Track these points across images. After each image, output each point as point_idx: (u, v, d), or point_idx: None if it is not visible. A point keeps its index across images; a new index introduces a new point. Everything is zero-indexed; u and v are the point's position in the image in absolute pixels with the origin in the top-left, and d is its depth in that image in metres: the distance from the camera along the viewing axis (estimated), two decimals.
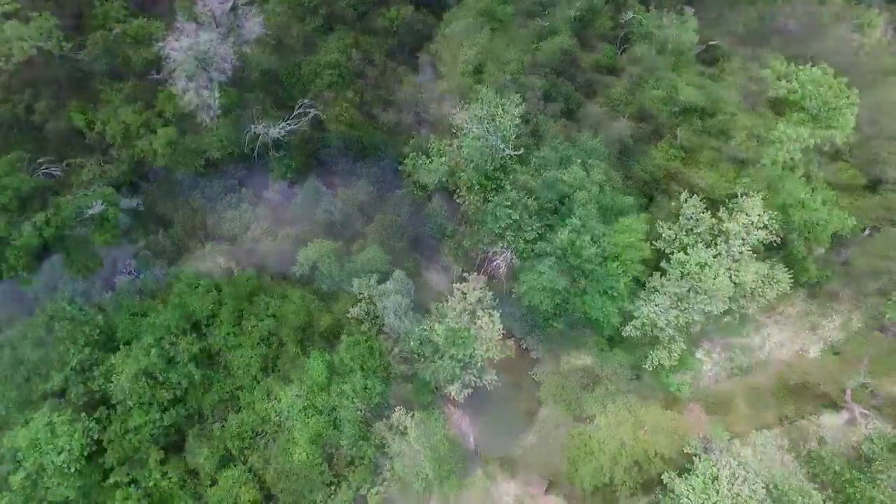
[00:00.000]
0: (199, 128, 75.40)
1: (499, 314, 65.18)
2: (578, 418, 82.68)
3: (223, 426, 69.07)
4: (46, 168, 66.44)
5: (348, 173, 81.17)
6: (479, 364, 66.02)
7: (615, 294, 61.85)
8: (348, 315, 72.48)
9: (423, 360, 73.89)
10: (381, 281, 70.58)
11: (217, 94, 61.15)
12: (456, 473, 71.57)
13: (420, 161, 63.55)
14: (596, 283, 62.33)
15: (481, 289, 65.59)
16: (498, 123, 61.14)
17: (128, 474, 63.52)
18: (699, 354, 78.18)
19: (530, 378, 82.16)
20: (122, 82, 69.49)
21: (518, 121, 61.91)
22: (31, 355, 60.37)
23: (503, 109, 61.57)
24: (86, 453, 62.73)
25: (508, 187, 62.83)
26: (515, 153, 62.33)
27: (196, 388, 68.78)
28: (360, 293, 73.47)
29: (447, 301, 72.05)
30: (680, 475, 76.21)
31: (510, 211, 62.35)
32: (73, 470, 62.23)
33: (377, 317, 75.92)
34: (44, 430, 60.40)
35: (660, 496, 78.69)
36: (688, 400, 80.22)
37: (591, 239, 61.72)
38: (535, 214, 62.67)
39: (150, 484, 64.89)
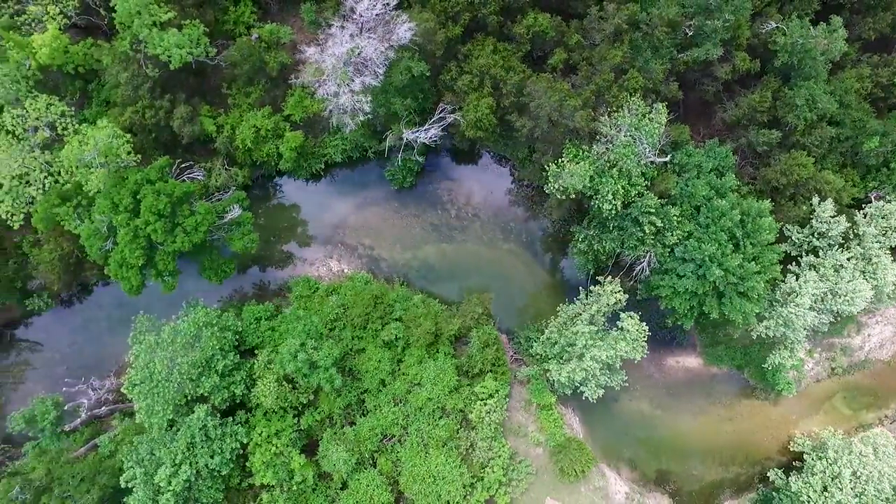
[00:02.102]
0: (317, 131, 75.93)
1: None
2: (678, 415, 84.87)
3: (355, 430, 69.46)
4: (190, 172, 66.25)
5: (464, 177, 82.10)
6: (617, 364, 67.19)
7: (755, 296, 63.26)
8: (473, 318, 73.24)
9: (545, 361, 75.05)
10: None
11: (369, 99, 61.31)
12: (578, 471, 72.62)
13: (564, 166, 64.28)
14: (734, 285, 63.68)
15: (618, 291, 66.66)
16: (644, 130, 62.31)
17: (275, 476, 63.46)
18: (801, 354, 79.93)
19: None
20: (251, 86, 69.37)
21: (662, 128, 63.14)
22: (183, 360, 60.28)
23: (649, 117, 62.78)
24: (234, 457, 63.03)
25: (651, 193, 63.96)
26: (662, 160, 63.50)
27: (328, 393, 69.08)
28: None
29: (572, 303, 73.19)
30: (786, 472, 78.45)
31: (653, 216, 63.52)
32: (223, 473, 62.51)
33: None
34: (199, 433, 60.50)
35: (762, 493, 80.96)
36: (790, 398, 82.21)
37: (734, 245, 63.18)
38: (676, 220, 63.83)
39: (293, 487, 65.20)
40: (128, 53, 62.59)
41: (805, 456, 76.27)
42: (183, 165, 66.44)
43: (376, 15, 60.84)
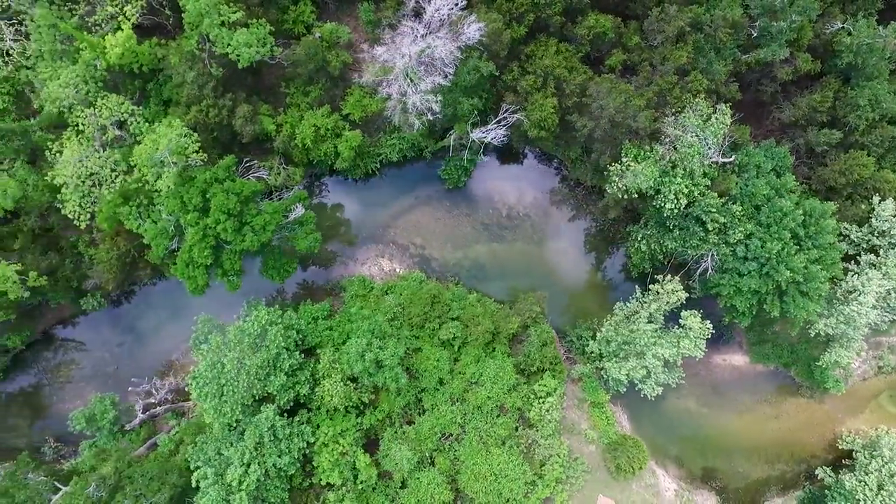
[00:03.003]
0: (371, 131, 76.05)
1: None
2: (723, 413, 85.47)
3: (416, 429, 69.70)
4: (255, 172, 66.33)
5: (512, 177, 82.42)
6: (678, 362, 67.64)
7: (817, 295, 63.74)
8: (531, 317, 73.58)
9: (599, 359, 75.50)
10: None
11: (439, 98, 61.47)
12: (636, 468, 73.16)
13: (628, 165, 64.63)
14: (797, 284, 64.15)
15: (680, 290, 67.06)
16: (710, 131, 62.69)
17: (340, 476, 63.65)
18: (858, 352, 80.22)
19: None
20: (310, 85, 69.37)
21: (726, 129, 63.52)
22: (251, 360, 60.37)
23: (714, 118, 63.17)
24: (301, 456, 63.25)
25: (712, 193, 64.34)
26: (726, 160, 63.91)
27: (388, 392, 69.30)
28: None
29: (626, 301, 73.66)
30: (835, 470, 79.04)
31: (716, 214, 63.93)
32: (290, 473, 62.71)
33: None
34: (268, 433, 60.65)
35: (809, 491, 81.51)
36: (836, 396, 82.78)
37: (799, 245, 63.67)
38: (739, 218, 64.24)
39: (358, 487, 65.43)
40: (194, 52, 62.62)
41: (856, 454, 76.88)
42: (248, 164, 66.38)
43: (445, 15, 60.87)
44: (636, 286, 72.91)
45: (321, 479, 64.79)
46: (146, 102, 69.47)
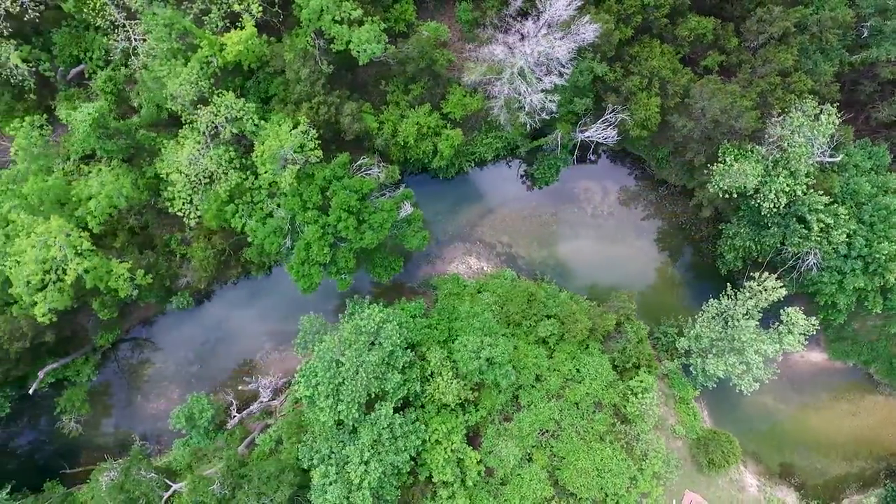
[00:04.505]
0: (466, 129, 76.22)
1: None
2: (801, 410, 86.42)
3: (517, 425, 70.03)
4: (366, 170, 66.37)
5: (592, 175, 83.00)
6: (779, 358, 68.44)
7: None
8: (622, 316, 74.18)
9: (689, 355, 76.17)
10: None
11: (556, 98, 61.84)
12: (730, 462, 73.97)
13: (732, 165, 65.29)
14: None
15: (779, 287, 67.79)
16: (819, 131, 63.48)
17: (452, 473, 63.84)
18: None
19: None
20: (413, 83, 69.49)
21: (833, 129, 64.34)
22: (369, 358, 60.39)
23: (823, 119, 63.93)
24: (415, 453, 63.42)
25: (814, 192, 65.18)
26: (833, 160, 64.74)
27: (490, 389, 69.59)
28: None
29: (715, 298, 74.31)
30: None
31: (821, 214, 64.76)
32: (405, 470, 62.88)
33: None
34: (385, 431, 60.76)
35: (890, 489, 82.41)
36: None
37: None
38: (844, 218, 65.10)
39: (469, 484, 65.68)
40: (307, 49, 62.64)
41: None
42: (360, 163, 66.46)
43: (563, 15, 61.17)
44: (727, 284, 73.50)
45: (429, 476, 65.00)
46: (245, 99, 69.46)
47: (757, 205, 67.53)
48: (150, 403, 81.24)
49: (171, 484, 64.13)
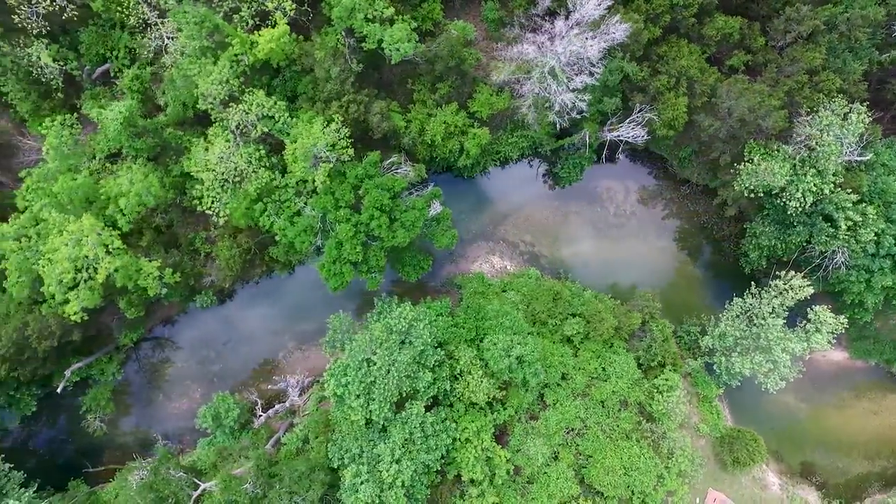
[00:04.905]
0: (491, 128, 76.20)
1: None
2: (822, 408, 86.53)
3: (544, 424, 70.04)
4: (397, 167, 66.35)
5: (620, 176, 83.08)
6: (806, 356, 68.56)
7: None
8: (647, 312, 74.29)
9: (713, 354, 76.27)
10: None
11: (587, 97, 61.94)
12: (755, 460, 74.07)
13: (760, 164, 65.44)
14: None
15: (806, 286, 67.86)
16: (849, 130, 63.65)
17: (482, 471, 63.81)
18: None
19: None
20: (440, 82, 69.50)
21: (862, 128, 64.50)
22: (401, 356, 60.30)
23: (853, 118, 64.08)
24: (446, 452, 63.39)
25: (841, 190, 65.36)
26: (862, 158, 64.91)
27: (517, 388, 69.57)
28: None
29: (739, 297, 74.40)
30: None
31: (850, 212, 64.94)
32: (435, 469, 62.84)
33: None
34: (417, 429, 60.71)
35: None
36: None
37: None
38: (872, 217, 65.28)
39: (500, 482, 65.67)
40: (337, 48, 62.64)
41: None
42: (390, 161, 66.44)
43: (594, 15, 61.22)
44: (751, 282, 73.58)
45: (457, 475, 64.96)
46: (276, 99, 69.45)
47: (782, 203, 67.69)
48: (171, 403, 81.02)
49: (199, 483, 63.95)
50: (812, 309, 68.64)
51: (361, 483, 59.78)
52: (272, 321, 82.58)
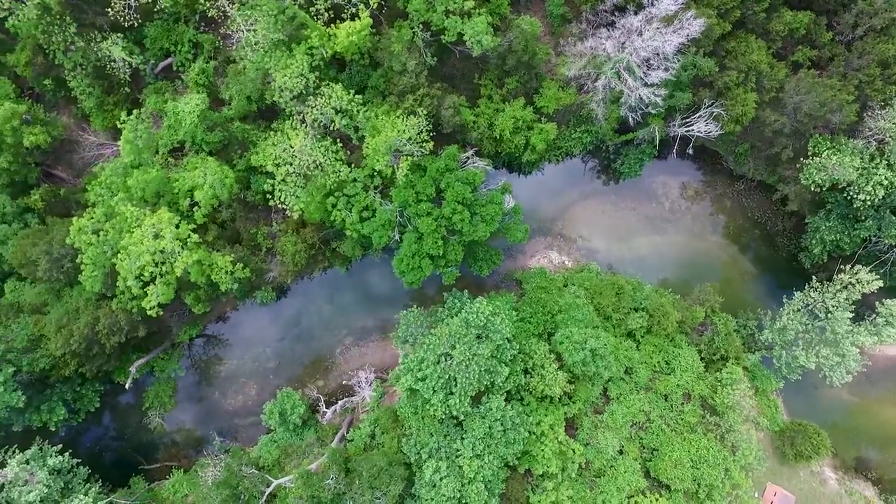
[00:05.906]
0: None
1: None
2: (876, 403, 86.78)
3: (612, 417, 69.95)
4: (474, 162, 66.09)
5: (675, 172, 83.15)
6: (876, 350, 68.76)
7: None
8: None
9: (772, 348, 76.39)
10: None
11: (663, 93, 61.90)
12: (818, 454, 74.30)
13: (830, 159, 65.64)
14: None
15: (875, 279, 68.04)
16: None
17: (558, 465, 63.65)
18: None
19: None
20: (508, 77, 69.32)
21: None
22: (481, 351, 59.92)
23: None
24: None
25: None
26: None
27: (583, 381, 69.40)
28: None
29: (800, 291, 74.53)
30: None
31: None
32: (513, 463, 62.66)
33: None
34: (496, 423, 60.42)
35: None
36: None
37: None
38: None
39: (573, 475, 65.44)
40: (413, 41, 62.38)
41: None
42: (466, 155, 66.21)
43: (670, 10, 61.17)
44: (812, 276, 73.81)
45: (530, 468, 64.77)
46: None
47: (847, 197, 67.90)
48: (226, 399, 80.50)
49: (271, 480, 63.47)
50: (882, 303, 68.87)
51: (441, 479, 59.45)
52: (328, 317, 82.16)
